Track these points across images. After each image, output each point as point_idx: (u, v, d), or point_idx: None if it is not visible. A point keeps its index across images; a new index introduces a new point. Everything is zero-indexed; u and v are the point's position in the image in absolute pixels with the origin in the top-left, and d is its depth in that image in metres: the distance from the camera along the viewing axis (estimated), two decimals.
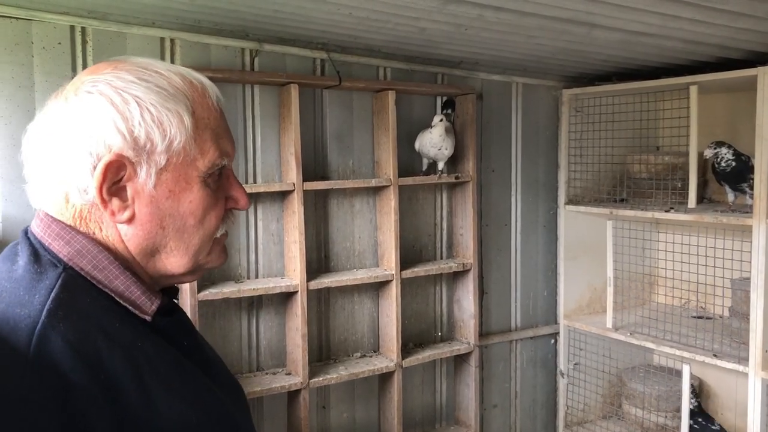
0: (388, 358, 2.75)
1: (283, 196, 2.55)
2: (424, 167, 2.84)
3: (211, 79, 0.96)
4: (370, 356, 2.79)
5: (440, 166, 2.81)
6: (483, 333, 3.07)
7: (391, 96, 2.63)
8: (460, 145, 2.86)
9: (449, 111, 2.87)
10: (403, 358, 2.74)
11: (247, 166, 2.52)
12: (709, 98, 3.00)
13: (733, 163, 2.59)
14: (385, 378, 2.77)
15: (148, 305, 0.89)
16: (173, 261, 0.92)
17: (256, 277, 2.57)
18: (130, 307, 0.87)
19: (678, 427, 2.87)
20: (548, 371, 3.38)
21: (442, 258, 3.01)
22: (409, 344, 2.89)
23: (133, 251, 0.90)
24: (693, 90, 2.62)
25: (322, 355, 2.73)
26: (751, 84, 2.41)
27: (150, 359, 0.84)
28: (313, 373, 2.56)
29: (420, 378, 2.99)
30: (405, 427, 2.80)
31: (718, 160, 2.63)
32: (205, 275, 2.42)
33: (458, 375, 3.03)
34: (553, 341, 3.37)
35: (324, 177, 2.66)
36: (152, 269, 0.92)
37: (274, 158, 2.55)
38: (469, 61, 2.83)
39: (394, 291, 2.70)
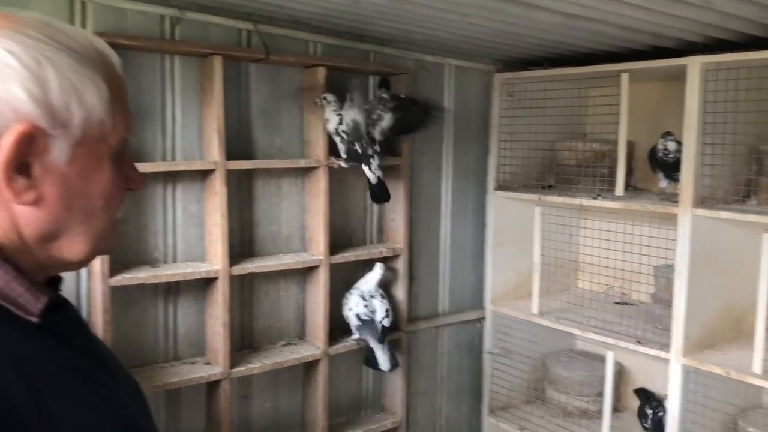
0: (315, 346, 2.65)
1: (204, 175, 2.39)
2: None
3: (127, 47, 0.86)
4: (296, 344, 2.68)
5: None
6: (411, 319, 3.01)
7: (322, 72, 2.51)
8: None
9: (384, 92, 2.77)
10: (330, 346, 2.65)
11: (165, 143, 2.34)
12: (640, 86, 3.02)
13: (678, 154, 2.60)
14: (310, 366, 2.68)
15: (33, 304, 0.75)
16: (74, 247, 0.80)
17: (174, 261, 2.41)
18: (10, 308, 0.74)
19: (599, 412, 2.91)
20: (474, 356, 3.37)
21: (372, 243, 2.93)
22: (337, 331, 2.80)
23: (28, 237, 0.76)
24: (624, 77, 2.63)
25: (244, 343, 2.60)
26: (681, 73, 2.43)
27: (42, 367, 0.72)
28: (234, 363, 2.43)
29: (346, 366, 2.91)
30: (330, 416, 2.71)
31: (666, 150, 2.64)
32: (118, 258, 2.25)
33: None
34: (479, 326, 3.35)
35: (249, 156, 2.51)
36: (45, 257, 0.79)
37: (194, 135, 2.39)
38: (402, 40, 2.73)
39: (322, 277, 2.60)
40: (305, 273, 2.69)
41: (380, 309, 2.69)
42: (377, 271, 2.70)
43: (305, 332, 2.73)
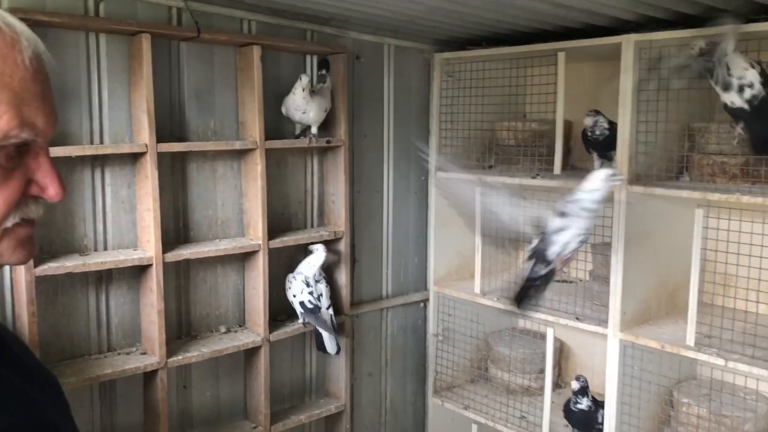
0: (255, 332, 2.60)
1: (134, 158, 2.30)
2: (297, 131, 2.69)
3: (46, 24, 0.75)
4: (236, 331, 2.62)
5: (313, 129, 2.66)
6: (354, 302, 2.98)
7: (257, 51, 2.43)
8: (332, 108, 2.72)
9: (324, 72, 2.72)
10: (270, 332, 2.60)
11: (93, 125, 2.24)
12: (577, 66, 3.05)
13: (607, 132, 2.63)
14: (251, 353, 2.62)
15: None
16: None
17: (105, 249, 2.31)
18: None
19: (541, 388, 2.95)
20: (418, 338, 3.37)
21: (312, 226, 2.88)
22: (279, 317, 2.75)
23: None
24: (561, 56, 2.64)
25: (182, 332, 2.53)
26: (616, 52, 2.45)
27: None
28: (171, 352, 2.36)
29: (289, 351, 2.87)
30: (273, 403, 2.67)
31: (594, 128, 2.66)
32: (44, 247, 2.15)
33: None
34: (423, 307, 3.35)
35: (181, 138, 2.43)
36: None
37: (123, 116, 2.29)
38: (340, 18, 2.68)
39: (260, 262, 2.54)
40: (244, 258, 2.62)
41: (326, 294, 2.66)
42: (320, 254, 2.66)
43: (245, 319, 2.68)
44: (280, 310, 2.74)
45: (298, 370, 2.93)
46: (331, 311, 2.69)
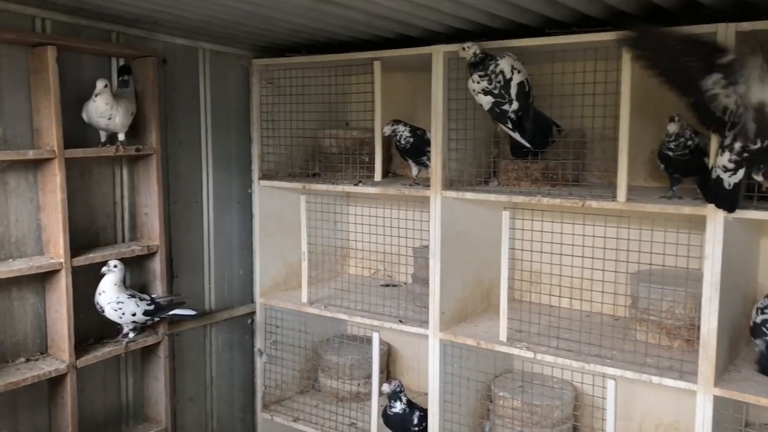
0: (59, 359, 2.37)
1: None
2: (103, 138, 2.49)
3: None
4: (36, 360, 2.38)
5: (121, 137, 2.48)
6: (174, 320, 2.82)
7: (51, 52, 2.22)
8: (141, 114, 2.56)
9: (126, 77, 2.55)
10: (77, 357, 2.39)
11: None
12: (395, 76, 3.13)
13: (411, 139, 2.71)
14: (55, 382, 2.39)
15: None
16: None
17: None
18: None
19: (369, 393, 2.97)
20: (245, 353, 3.27)
21: (124, 241, 2.69)
22: (89, 340, 2.54)
23: None
24: (377, 65, 2.69)
25: None
26: (429, 63, 2.53)
27: None
28: None
29: (101, 376, 2.65)
30: None
31: (397, 137, 2.73)
32: None
33: (146, 368, 2.76)
34: (249, 321, 3.26)
35: None
36: None
37: None
38: (148, 20, 2.53)
39: (63, 282, 2.32)
40: (43, 279, 2.38)
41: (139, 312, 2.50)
42: (112, 272, 2.46)
43: (48, 345, 2.43)
44: (89, 333, 2.53)
45: (113, 396, 2.72)
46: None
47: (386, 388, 2.70)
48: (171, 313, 2.60)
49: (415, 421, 2.71)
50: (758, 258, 2.49)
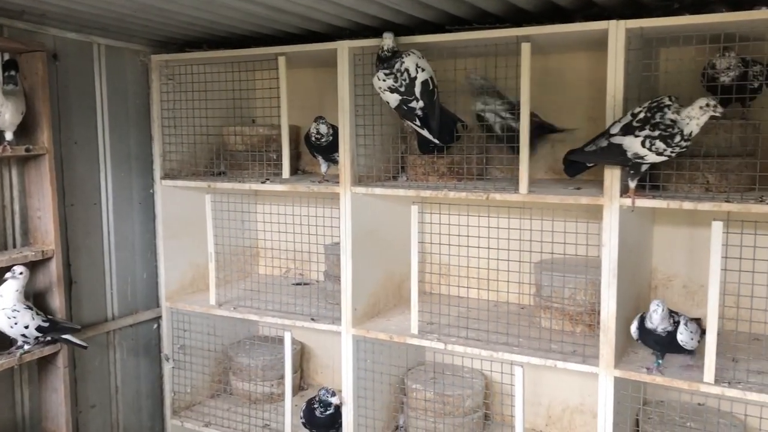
0: None
1: None
2: None
3: None
4: None
5: (8, 136, 2.33)
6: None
7: None
8: (31, 112, 2.41)
9: (12, 73, 2.39)
10: None
11: None
12: (301, 72, 3.09)
13: (331, 138, 2.68)
14: None
15: None
16: None
17: None
18: None
19: (282, 394, 2.94)
20: (152, 359, 3.15)
21: (15, 246, 2.53)
22: None
23: None
24: (281, 61, 2.65)
25: None
26: (335, 59, 2.52)
27: None
28: None
29: None
30: None
31: (318, 134, 2.69)
32: None
33: (44, 380, 2.61)
34: (155, 326, 3.14)
35: None
36: None
37: None
38: (34, 12, 2.38)
39: None
40: None
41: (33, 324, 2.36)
42: (16, 279, 2.33)
43: None
44: None
45: (7, 412, 2.56)
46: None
47: (336, 400, 2.67)
48: (64, 337, 2.47)
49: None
50: (652, 244, 2.63)
